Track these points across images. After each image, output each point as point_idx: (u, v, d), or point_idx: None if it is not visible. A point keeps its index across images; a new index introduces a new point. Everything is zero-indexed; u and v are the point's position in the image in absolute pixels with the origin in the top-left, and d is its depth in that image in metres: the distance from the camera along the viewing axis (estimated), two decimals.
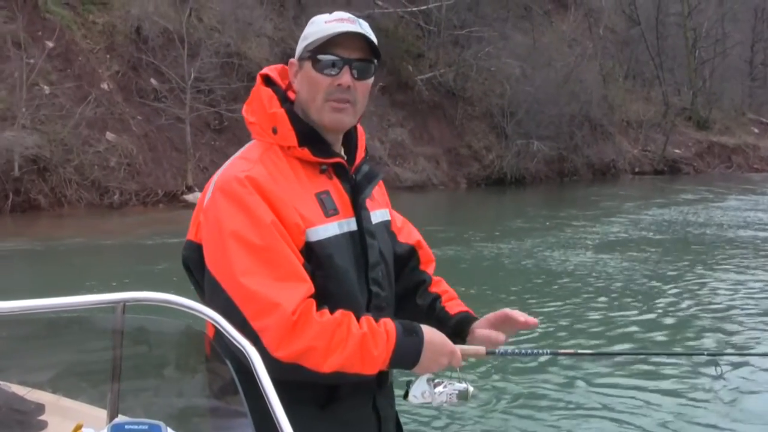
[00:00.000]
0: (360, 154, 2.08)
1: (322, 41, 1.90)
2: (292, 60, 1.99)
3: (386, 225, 2.13)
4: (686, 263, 12.46)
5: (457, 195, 25.54)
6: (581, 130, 30.65)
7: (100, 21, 20.93)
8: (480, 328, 2.08)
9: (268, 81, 2.02)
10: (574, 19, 35.60)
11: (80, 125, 17.90)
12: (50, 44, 19.61)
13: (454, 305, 2.20)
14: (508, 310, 2.08)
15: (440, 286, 2.27)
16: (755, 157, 39.34)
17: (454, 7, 27.44)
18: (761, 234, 16.03)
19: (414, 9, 27.04)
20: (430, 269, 2.29)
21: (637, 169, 34.29)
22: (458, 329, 2.11)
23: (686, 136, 38.02)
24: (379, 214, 2.09)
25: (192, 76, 19.96)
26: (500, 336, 2.05)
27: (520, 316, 2.07)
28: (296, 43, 2.02)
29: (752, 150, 39.67)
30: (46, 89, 18.29)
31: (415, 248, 2.27)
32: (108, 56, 20.45)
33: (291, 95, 2.02)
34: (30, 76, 18.13)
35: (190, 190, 18.75)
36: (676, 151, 37.03)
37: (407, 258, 2.23)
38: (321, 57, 1.91)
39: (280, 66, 2.06)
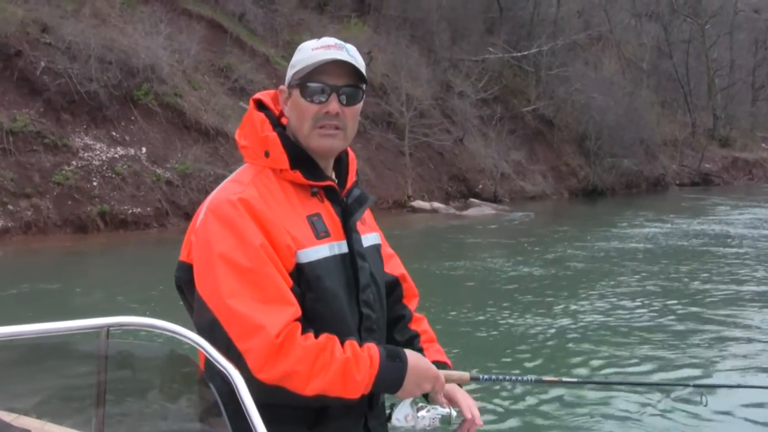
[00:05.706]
0: (351, 178, 2.09)
1: (310, 69, 1.93)
2: (282, 87, 2.01)
3: (377, 248, 2.14)
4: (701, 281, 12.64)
5: (561, 203, 31.27)
6: (639, 149, 36.48)
7: None
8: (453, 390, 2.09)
9: (260, 106, 2.05)
10: (616, 54, 42.14)
11: None
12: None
13: (433, 351, 2.20)
14: (467, 404, 2.09)
15: (420, 324, 2.27)
16: None
17: (547, 52, 34.02)
18: None
19: (517, 54, 33.64)
20: (413, 305, 2.29)
21: (678, 182, 39.86)
22: None
23: (713, 153, 43.75)
24: (370, 237, 2.12)
25: (410, 113, 26.64)
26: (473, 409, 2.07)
27: (468, 412, 2.06)
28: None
29: None
30: None
31: (399, 281, 2.27)
32: None
33: (284, 120, 2.03)
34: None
35: (410, 198, 24.97)
36: (707, 165, 42.67)
37: (390, 289, 2.22)
38: (309, 85, 1.93)
39: (272, 91, 2.09)
